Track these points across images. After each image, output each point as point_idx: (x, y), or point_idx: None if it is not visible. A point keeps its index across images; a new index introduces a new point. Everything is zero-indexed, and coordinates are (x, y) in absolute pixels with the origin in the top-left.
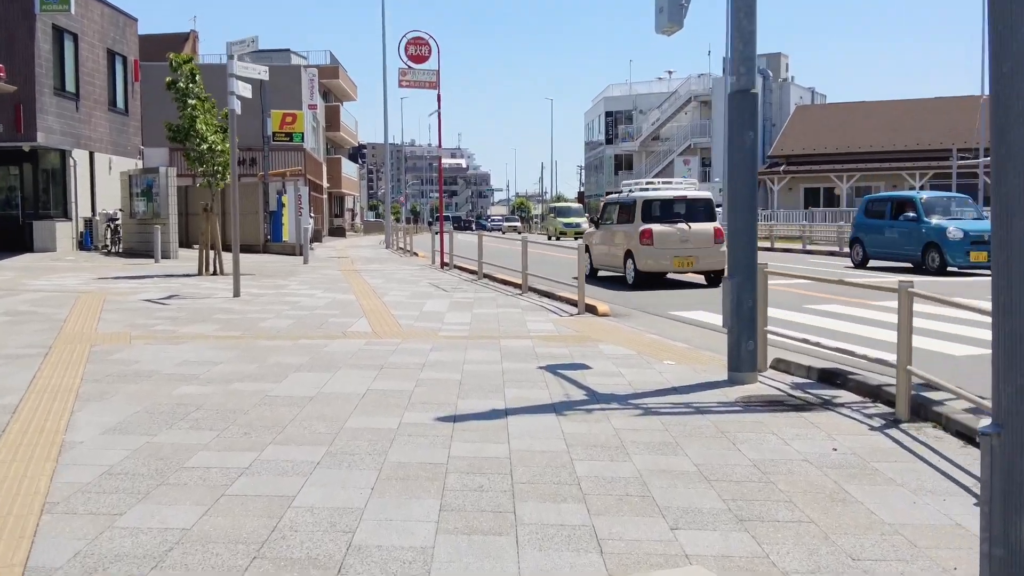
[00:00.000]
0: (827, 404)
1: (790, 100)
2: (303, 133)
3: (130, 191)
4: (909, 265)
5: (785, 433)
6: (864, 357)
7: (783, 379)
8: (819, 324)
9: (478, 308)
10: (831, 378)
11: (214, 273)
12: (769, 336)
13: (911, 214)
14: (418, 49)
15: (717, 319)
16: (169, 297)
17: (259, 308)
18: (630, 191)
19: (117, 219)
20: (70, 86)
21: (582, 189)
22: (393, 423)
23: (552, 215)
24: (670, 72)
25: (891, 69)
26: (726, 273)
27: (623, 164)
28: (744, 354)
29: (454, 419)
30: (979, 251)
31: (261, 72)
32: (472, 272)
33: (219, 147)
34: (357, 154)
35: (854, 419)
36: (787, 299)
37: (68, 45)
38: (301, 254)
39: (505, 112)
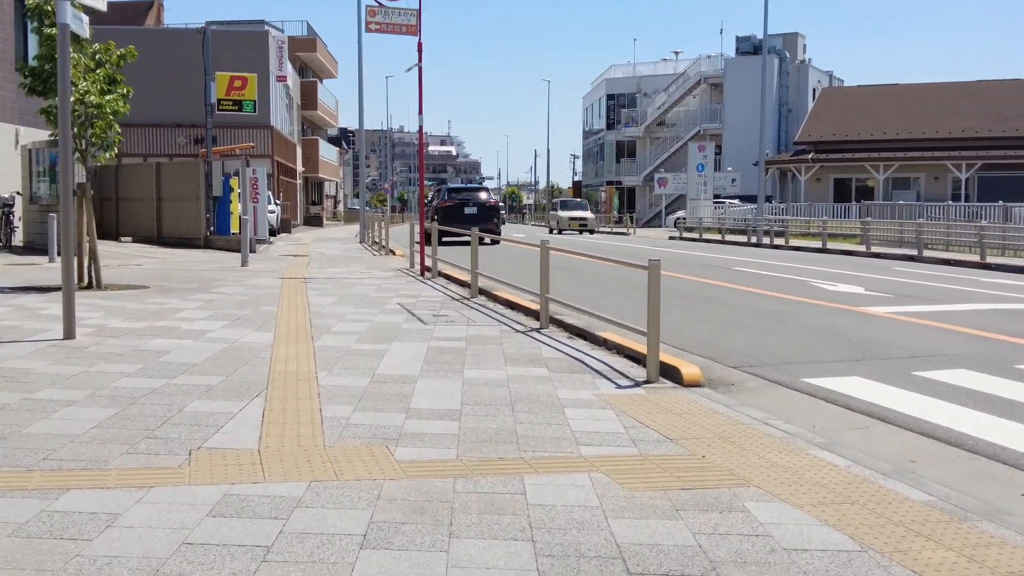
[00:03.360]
0: None
1: (808, 84)
2: (255, 101)
3: (30, 169)
4: None
5: None
6: None
7: None
8: None
9: (473, 367)
10: None
11: (88, 286)
12: None
13: None
14: None
15: (879, 391)
16: None
17: (80, 370)
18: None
19: (12, 204)
20: None
21: (578, 178)
22: None
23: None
24: (677, 53)
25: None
26: None
27: (625, 151)
28: None
29: None
30: None
31: None
32: (462, 283)
33: (95, 100)
34: (343, 138)
35: None
36: (991, 351)
37: None
38: (252, 251)
39: (497, 98)
